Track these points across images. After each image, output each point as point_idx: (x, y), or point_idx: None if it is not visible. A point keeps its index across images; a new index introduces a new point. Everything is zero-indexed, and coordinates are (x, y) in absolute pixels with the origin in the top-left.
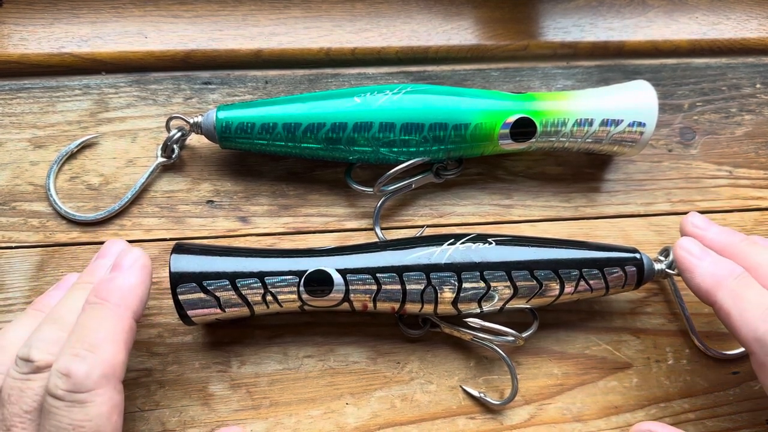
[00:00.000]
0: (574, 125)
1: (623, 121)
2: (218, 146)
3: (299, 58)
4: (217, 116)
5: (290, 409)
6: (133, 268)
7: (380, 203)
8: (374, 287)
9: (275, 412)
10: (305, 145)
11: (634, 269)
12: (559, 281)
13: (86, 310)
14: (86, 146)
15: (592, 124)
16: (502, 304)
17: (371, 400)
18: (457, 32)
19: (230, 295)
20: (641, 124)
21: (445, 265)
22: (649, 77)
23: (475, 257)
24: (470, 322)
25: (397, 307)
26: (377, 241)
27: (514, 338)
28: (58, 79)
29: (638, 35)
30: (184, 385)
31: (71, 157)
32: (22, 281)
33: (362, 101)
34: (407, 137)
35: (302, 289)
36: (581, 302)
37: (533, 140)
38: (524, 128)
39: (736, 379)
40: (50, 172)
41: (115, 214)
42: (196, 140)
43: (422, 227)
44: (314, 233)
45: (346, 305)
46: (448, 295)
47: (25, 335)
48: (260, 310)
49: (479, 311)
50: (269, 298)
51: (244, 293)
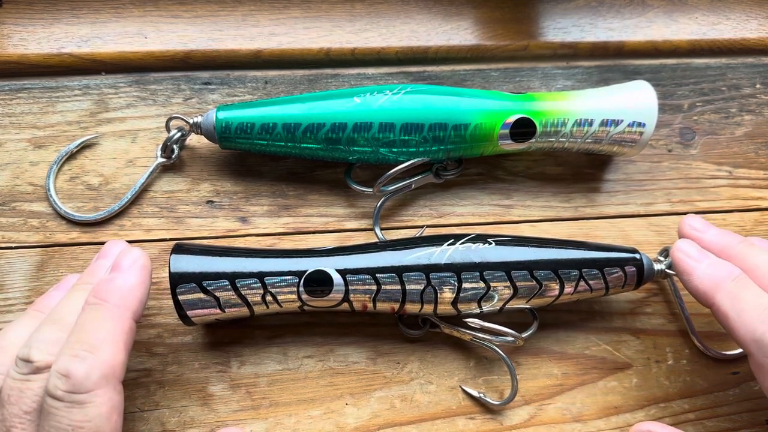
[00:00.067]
0: (573, 125)
1: (623, 121)
2: (218, 146)
3: (299, 58)
4: (216, 116)
5: (290, 409)
6: (132, 268)
7: (380, 203)
8: (374, 287)
9: (275, 412)
10: (305, 145)
11: (633, 269)
12: (558, 281)
13: (86, 310)
14: (86, 146)
15: (591, 124)
16: (501, 304)
17: (371, 400)
18: (456, 32)
19: (230, 295)
20: (641, 124)
21: (444, 265)
22: (648, 77)
23: (474, 257)
24: (470, 322)
25: (396, 307)
26: (377, 241)
27: (513, 338)
28: (57, 79)
29: (638, 35)
30: (183, 385)
31: (71, 157)
32: (21, 281)
33: (362, 101)
34: (407, 137)
35: (302, 289)
36: (581, 302)
37: (533, 140)
38: (524, 128)
39: (735, 379)
40: (50, 172)
41: (114, 214)
42: (195, 140)
43: (422, 227)
44: (314, 233)
45: (345, 305)
46: (447, 295)
47: (25, 336)
48: (260, 310)
49: (479, 311)
50: (269, 298)
51: (243, 293)
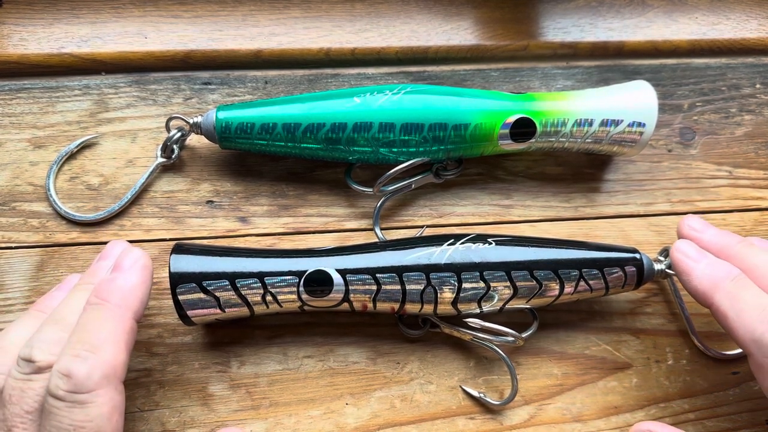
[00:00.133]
0: (573, 125)
1: (623, 121)
2: (218, 146)
3: (299, 58)
4: (216, 116)
5: (290, 409)
6: (133, 268)
7: (380, 203)
8: (374, 287)
9: (275, 412)
10: (305, 145)
11: (633, 269)
12: (558, 281)
13: (87, 310)
14: (86, 146)
15: (591, 124)
16: (501, 304)
17: (371, 400)
18: (456, 32)
19: (230, 295)
20: (641, 124)
21: (444, 265)
22: (648, 77)
23: (474, 257)
24: (470, 322)
25: (396, 307)
26: (377, 241)
27: (513, 338)
28: (57, 79)
29: (638, 35)
30: (183, 385)
31: (71, 157)
32: (21, 281)
33: (362, 101)
34: (407, 137)
35: (302, 289)
36: (581, 302)
37: (533, 140)
38: (524, 128)
39: (735, 379)
40: (50, 172)
41: (114, 214)
42: (195, 140)
43: (422, 227)
44: (314, 233)
45: (345, 305)
46: (447, 295)
47: (26, 336)
48: (260, 310)
49: (479, 311)
50: (269, 298)
51: (243, 293)
